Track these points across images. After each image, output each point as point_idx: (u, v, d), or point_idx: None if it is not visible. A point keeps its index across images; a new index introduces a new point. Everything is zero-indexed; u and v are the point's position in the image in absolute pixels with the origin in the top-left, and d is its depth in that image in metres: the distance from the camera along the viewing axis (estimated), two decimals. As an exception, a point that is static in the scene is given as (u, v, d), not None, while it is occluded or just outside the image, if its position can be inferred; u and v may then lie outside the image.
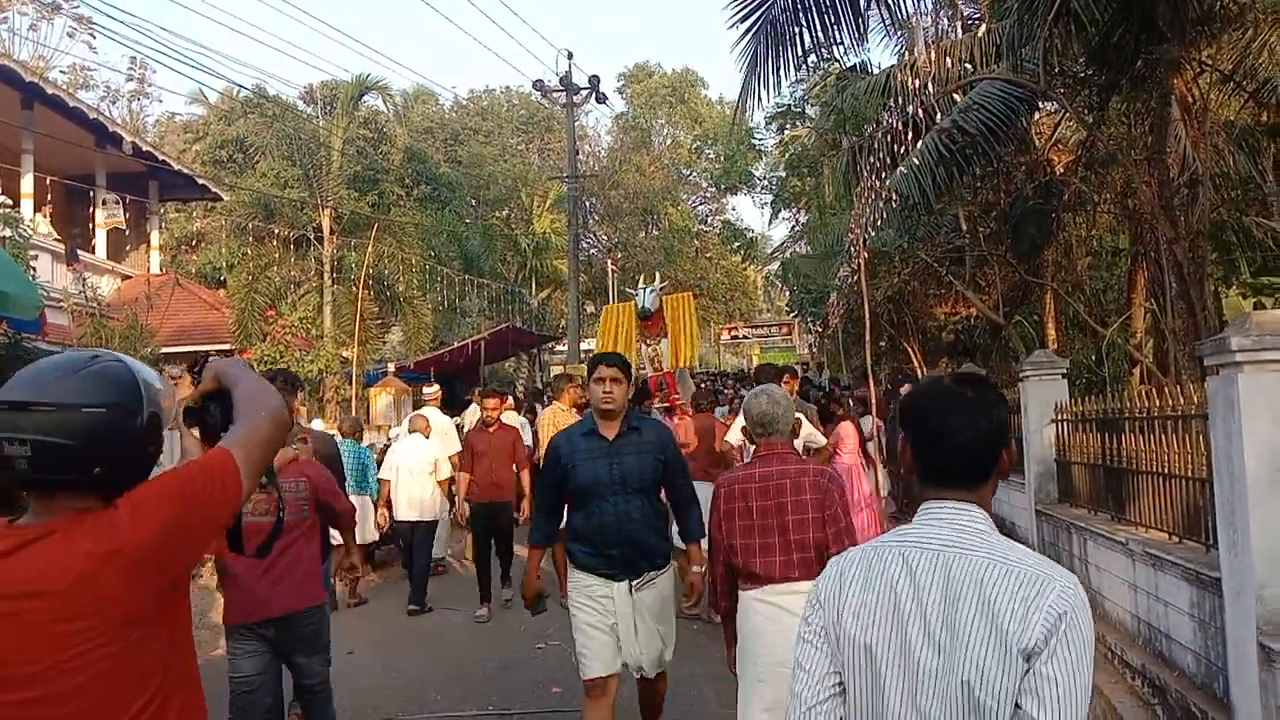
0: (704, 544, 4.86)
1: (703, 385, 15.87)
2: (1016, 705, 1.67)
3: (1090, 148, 11.40)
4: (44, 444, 1.69)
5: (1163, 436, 5.86)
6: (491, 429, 9.35)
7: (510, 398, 14.17)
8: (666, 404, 11.55)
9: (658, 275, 14.55)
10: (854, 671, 1.80)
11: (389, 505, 9.69)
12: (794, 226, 30.91)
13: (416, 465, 9.77)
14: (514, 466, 9.34)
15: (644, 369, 13.50)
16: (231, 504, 1.88)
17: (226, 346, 17.03)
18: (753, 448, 4.34)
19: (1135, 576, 5.91)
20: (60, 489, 1.74)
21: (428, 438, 10.23)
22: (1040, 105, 11.64)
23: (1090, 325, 12.71)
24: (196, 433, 2.10)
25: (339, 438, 9.60)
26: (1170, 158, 9.34)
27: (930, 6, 10.75)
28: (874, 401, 10.46)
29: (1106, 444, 6.91)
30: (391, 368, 18.49)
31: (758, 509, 3.99)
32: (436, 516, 10.04)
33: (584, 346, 27.78)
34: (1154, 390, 6.81)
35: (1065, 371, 8.70)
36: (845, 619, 1.82)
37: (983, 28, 9.48)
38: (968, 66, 9.18)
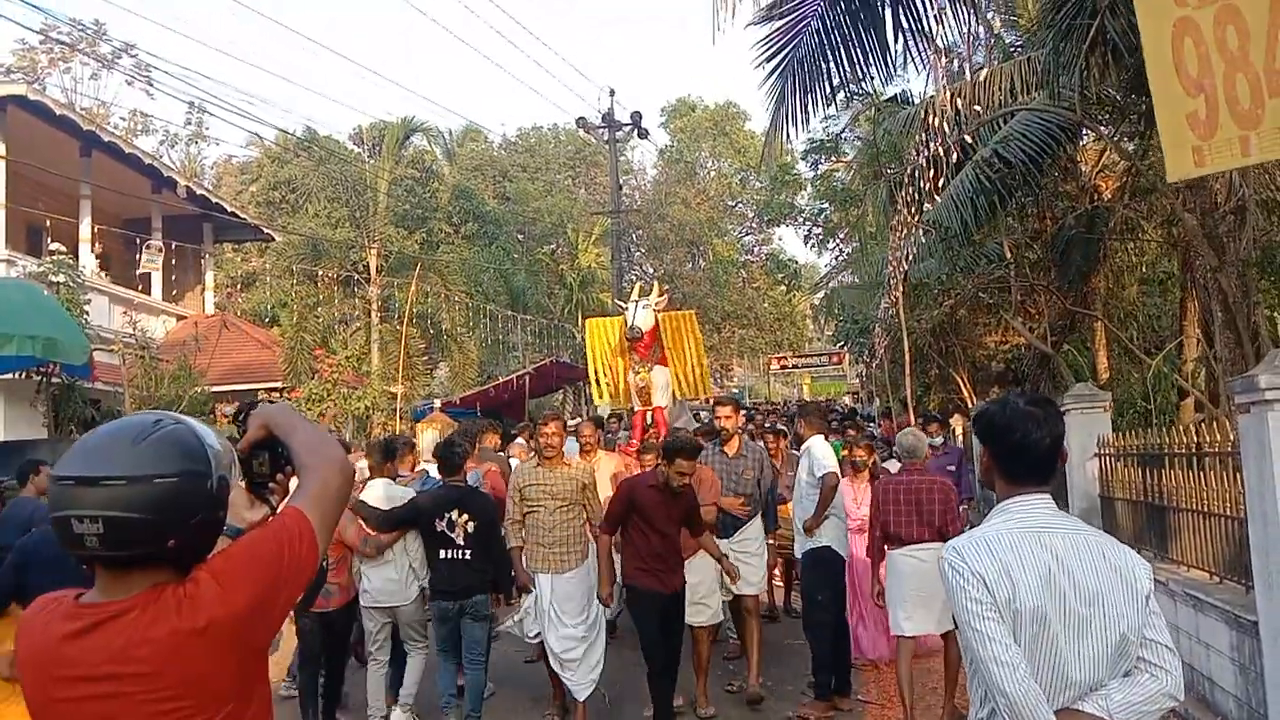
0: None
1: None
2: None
3: (1135, 174, 11.23)
4: (116, 519, 1.59)
5: (1201, 473, 5.71)
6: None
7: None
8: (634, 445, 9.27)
9: (655, 286, 12.42)
10: (1033, 631, 2.23)
11: None
12: (837, 257, 30.77)
13: None
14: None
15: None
16: (310, 567, 1.79)
17: (277, 385, 17.33)
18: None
19: (1177, 617, 5.75)
20: (132, 564, 1.64)
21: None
22: (1085, 132, 11.49)
23: (1140, 355, 12.44)
24: (243, 483, 1.97)
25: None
26: (1216, 184, 9.16)
27: (955, 40, 10.67)
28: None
29: (1148, 480, 6.75)
30: (437, 404, 18.65)
31: (904, 500, 6.21)
32: None
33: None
34: (1195, 425, 6.66)
35: (1108, 405, 8.52)
36: (1020, 594, 2.23)
37: (987, 70, 9.32)
38: (978, 108, 9.04)
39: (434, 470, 7.14)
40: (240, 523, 1.90)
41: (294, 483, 1.95)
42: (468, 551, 6.14)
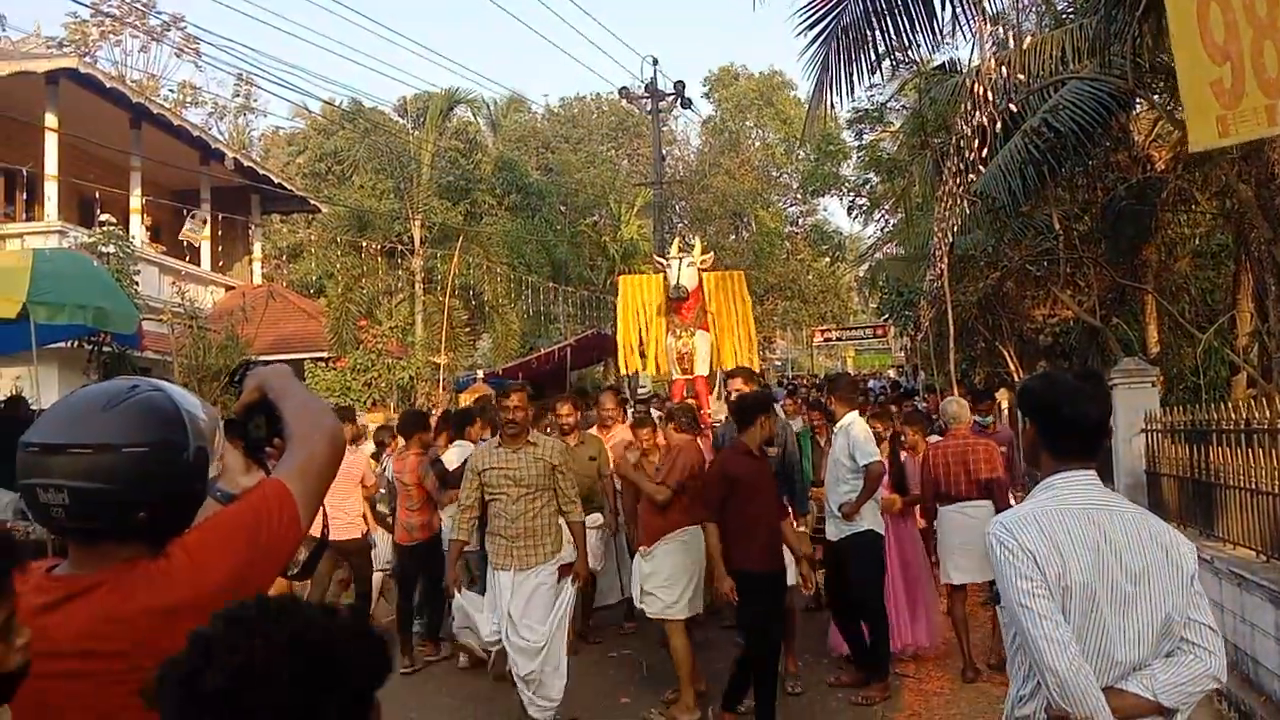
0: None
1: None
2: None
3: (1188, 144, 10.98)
4: (81, 490, 1.51)
5: (1250, 450, 5.60)
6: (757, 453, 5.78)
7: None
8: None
9: (697, 242, 11.15)
10: (1081, 608, 2.22)
11: None
12: (883, 228, 30.41)
13: None
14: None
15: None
16: (292, 543, 1.71)
17: (323, 354, 17.55)
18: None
19: (1221, 595, 5.66)
20: (101, 537, 1.56)
21: None
22: (1138, 101, 11.23)
23: (1191, 330, 12.20)
24: (239, 446, 1.89)
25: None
26: (1273, 154, 8.92)
27: (1003, 8, 10.47)
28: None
29: (1195, 456, 6.64)
30: (480, 374, 18.78)
31: (953, 462, 6.85)
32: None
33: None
34: (1245, 400, 6.52)
35: (1156, 379, 8.36)
36: (1071, 570, 2.21)
37: (1037, 38, 9.09)
38: (1026, 78, 8.83)
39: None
40: (235, 488, 1.83)
41: None
42: None
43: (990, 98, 7.36)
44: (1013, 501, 7.67)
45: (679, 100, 26.13)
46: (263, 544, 1.64)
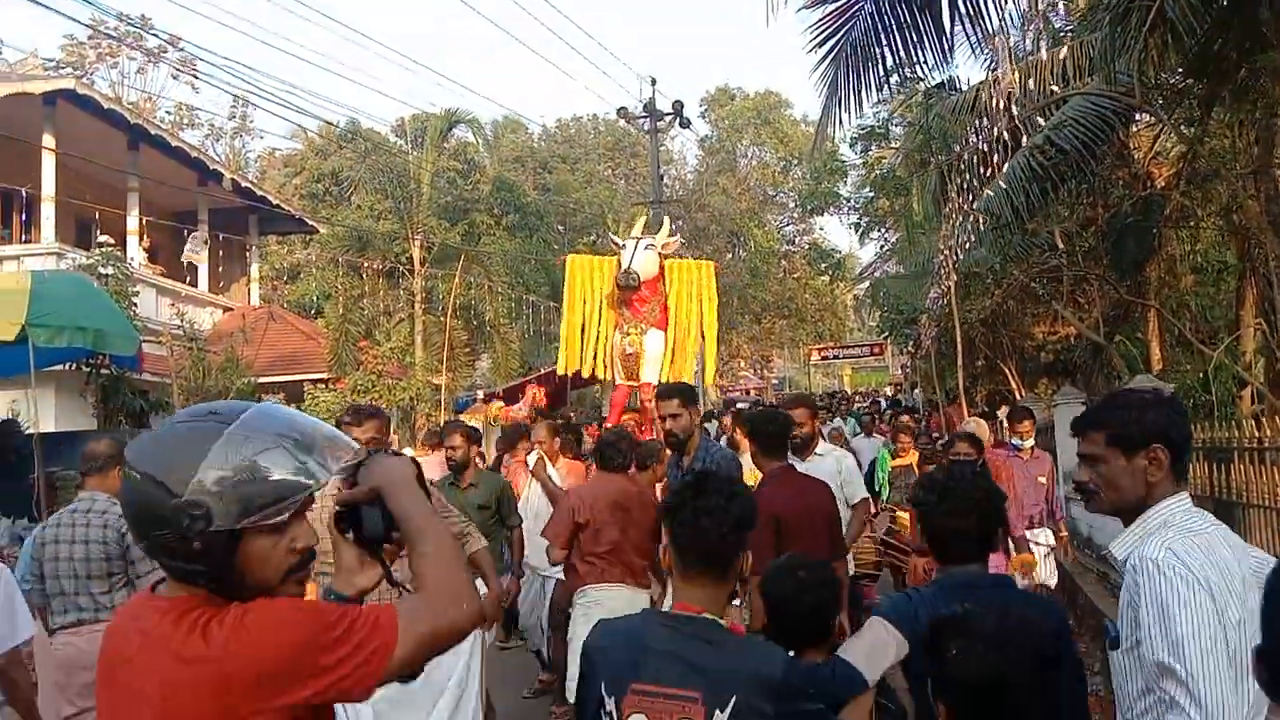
0: None
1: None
2: None
3: (1192, 160, 10.97)
4: (124, 504, 1.55)
5: (1275, 469, 5.52)
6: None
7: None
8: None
9: (666, 221, 9.77)
10: (1245, 640, 2.04)
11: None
12: (883, 246, 30.41)
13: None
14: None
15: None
16: (367, 680, 1.45)
17: (322, 376, 17.44)
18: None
19: (1247, 617, 5.56)
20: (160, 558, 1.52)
21: None
22: (1138, 117, 11.22)
23: (1196, 345, 12.16)
24: (349, 538, 1.66)
25: None
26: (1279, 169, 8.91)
27: (1016, 22, 10.46)
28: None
29: (1214, 475, 6.54)
30: (480, 394, 18.69)
31: None
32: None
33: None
34: (1256, 415, 6.45)
35: (1171, 395, 8.27)
36: (1243, 599, 2.05)
37: (1062, 50, 9.09)
38: (1054, 89, 8.81)
39: None
40: (349, 589, 1.63)
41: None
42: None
43: (1015, 111, 7.30)
44: (1048, 538, 7.46)
45: (677, 120, 26.12)
46: (314, 665, 1.43)
